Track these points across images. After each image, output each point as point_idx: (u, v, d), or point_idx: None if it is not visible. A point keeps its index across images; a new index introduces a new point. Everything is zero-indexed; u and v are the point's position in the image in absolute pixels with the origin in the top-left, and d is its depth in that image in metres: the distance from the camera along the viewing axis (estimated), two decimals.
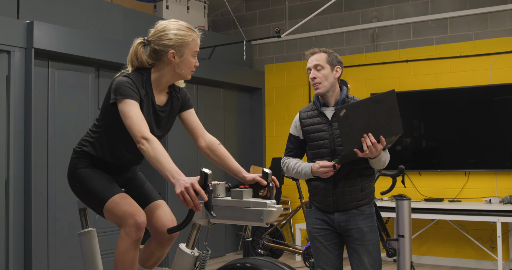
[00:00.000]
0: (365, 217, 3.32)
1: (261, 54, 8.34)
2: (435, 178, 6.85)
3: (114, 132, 2.86)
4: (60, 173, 5.32)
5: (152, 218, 2.98)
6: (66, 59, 5.54)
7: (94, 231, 3.12)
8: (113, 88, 2.71)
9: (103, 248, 3.89)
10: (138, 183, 3.09)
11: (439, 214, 6.28)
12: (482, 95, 6.61)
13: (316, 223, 3.40)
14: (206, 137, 3.00)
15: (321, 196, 3.35)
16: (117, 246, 2.75)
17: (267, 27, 8.28)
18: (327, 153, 3.32)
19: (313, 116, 3.43)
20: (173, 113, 2.97)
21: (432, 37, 7.04)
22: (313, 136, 3.38)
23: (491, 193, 6.52)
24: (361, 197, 3.31)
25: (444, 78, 6.89)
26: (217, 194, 2.52)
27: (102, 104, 2.92)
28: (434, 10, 7.04)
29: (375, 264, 3.33)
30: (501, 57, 6.57)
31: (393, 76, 7.17)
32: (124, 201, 2.79)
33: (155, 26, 2.83)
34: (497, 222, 5.93)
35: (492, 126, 6.53)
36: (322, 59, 3.41)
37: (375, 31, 7.41)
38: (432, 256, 6.86)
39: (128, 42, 3.05)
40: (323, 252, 3.38)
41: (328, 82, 3.39)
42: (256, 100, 8.27)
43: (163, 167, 2.47)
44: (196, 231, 2.61)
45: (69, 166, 2.97)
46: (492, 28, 6.69)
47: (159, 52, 2.77)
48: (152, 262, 3.08)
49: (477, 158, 6.61)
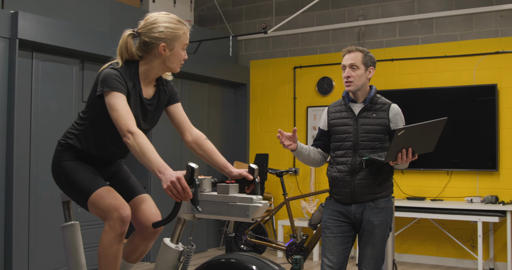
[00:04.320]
0: (380, 211, 3.44)
1: (247, 50, 8.32)
2: (417, 177, 6.89)
3: (100, 125, 2.83)
4: (43, 165, 5.26)
5: (137, 212, 2.96)
6: (50, 51, 5.48)
7: (78, 224, 3.09)
8: (100, 80, 2.69)
9: (86, 241, 3.85)
10: (123, 176, 3.07)
11: (421, 212, 6.32)
12: (465, 95, 6.66)
13: (333, 214, 3.52)
14: (193, 132, 2.98)
15: (339, 187, 3.47)
16: (101, 239, 2.72)
17: (253, 23, 8.26)
18: (349, 147, 3.46)
19: (341, 110, 3.57)
20: (160, 107, 2.95)
21: (418, 37, 7.07)
22: (338, 129, 3.53)
23: (472, 192, 6.57)
24: (377, 190, 3.44)
25: (429, 77, 6.93)
26: (203, 188, 2.51)
27: (88, 96, 2.88)
28: (420, 10, 7.07)
29: (377, 257, 3.45)
30: (485, 58, 6.62)
31: (378, 74, 7.18)
32: (109, 194, 2.76)
33: (145, 18, 2.80)
34: (478, 222, 5.99)
35: (475, 126, 6.58)
36: (358, 59, 3.52)
37: (361, 29, 7.43)
38: (413, 254, 6.91)
39: (114, 35, 3.03)
40: (332, 242, 3.49)
41: (360, 82, 3.52)
42: (241, 96, 8.25)
43: (150, 162, 2.45)
44: (181, 226, 2.60)
45: (53, 159, 2.94)
46: (477, 29, 6.73)
47: (150, 45, 2.75)
48: (135, 256, 3.06)
49: (459, 158, 6.66)
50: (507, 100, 6.46)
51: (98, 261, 2.75)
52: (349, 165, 3.44)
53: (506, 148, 6.43)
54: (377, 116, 3.48)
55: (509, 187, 6.39)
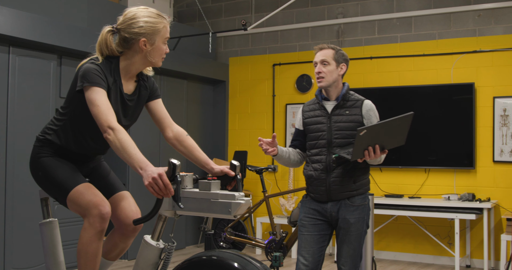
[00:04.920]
0: (355, 209, 3.45)
1: (226, 47, 8.30)
2: (395, 175, 6.94)
3: (80, 120, 2.78)
4: (20, 161, 5.19)
5: (116, 209, 2.92)
6: (28, 46, 5.40)
7: (56, 221, 3.05)
8: (80, 74, 2.64)
9: (65, 238, 3.80)
10: (103, 172, 3.03)
11: (399, 210, 6.37)
12: (443, 94, 6.71)
13: (309, 212, 3.52)
14: (174, 128, 2.96)
15: (315, 186, 3.48)
16: (80, 237, 2.68)
17: (233, 19, 8.23)
18: (323, 145, 3.47)
19: (314, 109, 3.59)
20: (140, 102, 2.92)
21: (397, 35, 7.11)
22: (312, 127, 3.54)
23: (450, 190, 6.63)
24: (353, 187, 3.45)
25: (407, 75, 6.97)
26: (184, 185, 2.49)
27: (67, 91, 2.84)
28: (399, 8, 7.11)
29: (354, 255, 3.45)
30: (463, 57, 6.68)
31: (357, 72, 7.22)
32: (88, 191, 2.72)
33: (124, 13, 2.75)
34: (455, 219, 6.05)
35: (452, 124, 6.64)
36: (329, 55, 3.54)
37: (341, 27, 7.45)
38: (390, 251, 6.96)
39: (92, 30, 2.98)
40: (308, 240, 3.48)
41: (332, 77, 3.52)
42: (220, 93, 8.22)
43: (131, 158, 2.42)
44: (162, 223, 2.57)
45: (31, 155, 2.89)
46: (455, 28, 6.79)
47: (130, 41, 2.71)
48: (114, 253, 3.02)
49: (437, 156, 6.72)
50: (484, 98, 6.53)
51: (77, 258, 2.71)
52: (323, 163, 3.45)
53: (482, 146, 6.50)
54: (350, 113, 3.49)
55: (485, 184, 6.47)
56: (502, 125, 6.43)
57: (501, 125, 6.43)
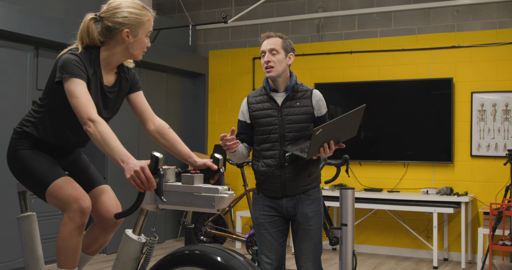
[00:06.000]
0: (312, 202, 3.36)
1: (206, 40, 8.24)
2: (375, 169, 6.96)
3: (59, 112, 2.73)
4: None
5: (97, 203, 2.87)
6: (3, 36, 5.30)
7: (34, 215, 2.98)
8: (59, 65, 2.58)
9: (43, 232, 3.75)
10: (83, 166, 2.97)
11: (378, 204, 6.41)
12: (422, 89, 6.75)
13: (263, 209, 3.40)
14: (155, 121, 2.92)
15: (269, 183, 3.34)
16: (60, 231, 2.63)
17: (213, 12, 8.18)
18: (275, 139, 3.32)
19: (263, 101, 3.40)
20: (121, 94, 2.87)
21: (376, 30, 7.12)
22: (262, 121, 3.36)
23: (428, 184, 6.68)
24: (308, 181, 3.35)
25: (387, 70, 6.99)
26: (167, 179, 2.45)
27: (46, 82, 2.77)
28: (379, 3, 7.12)
29: (315, 250, 3.36)
30: (442, 52, 6.71)
31: (337, 66, 7.23)
32: (68, 185, 2.67)
33: (108, 1, 2.70)
34: (433, 213, 6.10)
35: (431, 119, 6.69)
36: (277, 44, 3.39)
37: (321, 21, 7.44)
38: (369, 244, 6.99)
39: (70, 21, 2.92)
40: (267, 239, 3.38)
41: (281, 67, 3.36)
42: (200, 86, 8.17)
43: (112, 150, 2.37)
44: (143, 217, 2.53)
45: (8, 147, 2.82)
46: (434, 23, 6.82)
47: (112, 30, 2.65)
48: (94, 248, 2.98)
49: (415, 150, 6.76)
50: (462, 93, 6.58)
51: (56, 253, 2.66)
52: (277, 159, 3.30)
53: (461, 141, 6.55)
54: (301, 104, 3.35)
55: (463, 179, 6.52)
56: (480, 120, 6.48)
57: (478, 120, 6.48)
